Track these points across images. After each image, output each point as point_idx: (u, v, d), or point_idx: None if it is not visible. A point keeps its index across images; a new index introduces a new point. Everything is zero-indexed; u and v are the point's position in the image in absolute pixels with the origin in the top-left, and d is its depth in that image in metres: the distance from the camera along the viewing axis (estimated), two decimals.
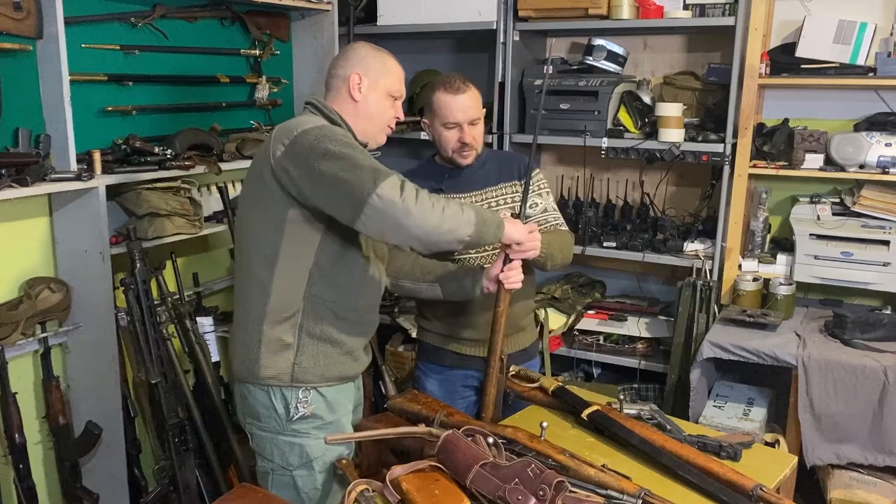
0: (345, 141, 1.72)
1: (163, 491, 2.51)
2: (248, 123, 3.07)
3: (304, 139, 1.71)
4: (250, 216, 1.84)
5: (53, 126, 2.27)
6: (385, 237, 1.72)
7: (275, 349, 1.81)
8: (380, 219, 1.65)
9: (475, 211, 1.75)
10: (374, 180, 1.63)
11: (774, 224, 3.23)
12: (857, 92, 2.99)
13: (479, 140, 2.23)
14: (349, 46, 1.96)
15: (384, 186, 1.63)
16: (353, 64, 1.87)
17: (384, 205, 1.63)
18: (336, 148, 1.68)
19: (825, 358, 2.59)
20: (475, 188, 2.25)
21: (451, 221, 1.69)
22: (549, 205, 2.29)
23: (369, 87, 1.87)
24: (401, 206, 1.63)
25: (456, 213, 1.70)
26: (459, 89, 2.16)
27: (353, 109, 1.87)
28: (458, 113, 2.14)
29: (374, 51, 1.92)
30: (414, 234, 1.67)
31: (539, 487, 1.42)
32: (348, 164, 1.66)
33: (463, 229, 1.71)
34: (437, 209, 1.67)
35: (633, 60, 3.36)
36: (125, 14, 2.60)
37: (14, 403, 2.26)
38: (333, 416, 1.87)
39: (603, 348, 3.26)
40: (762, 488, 1.55)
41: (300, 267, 1.79)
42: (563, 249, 2.20)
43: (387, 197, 1.62)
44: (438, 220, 1.67)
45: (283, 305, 1.80)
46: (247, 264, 1.85)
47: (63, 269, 2.45)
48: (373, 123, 1.90)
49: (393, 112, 1.92)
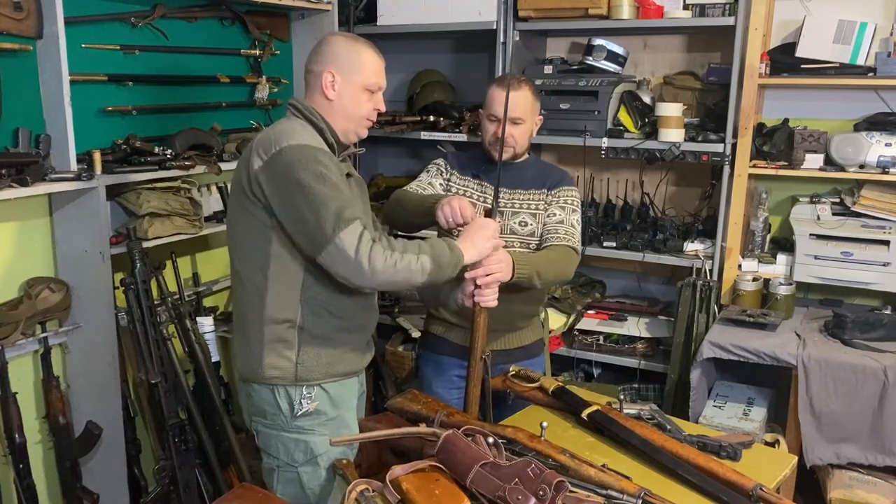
0: (318, 172, 1.70)
1: (163, 491, 2.52)
2: (248, 123, 3.07)
3: (280, 161, 1.71)
4: (238, 224, 1.84)
5: (53, 126, 2.27)
6: (343, 280, 1.74)
7: (276, 350, 1.82)
8: (335, 264, 1.70)
9: (431, 257, 1.74)
10: (334, 228, 1.66)
11: (774, 224, 3.23)
12: (857, 92, 2.99)
13: (518, 140, 2.25)
14: (323, 40, 1.90)
15: (342, 237, 1.66)
16: (327, 61, 1.84)
17: (340, 255, 1.67)
18: (307, 181, 1.68)
19: (825, 358, 2.59)
20: (507, 186, 2.28)
21: (403, 274, 1.71)
22: (566, 219, 2.27)
23: (343, 84, 1.84)
24: (353, 261, 1.66)
25: (408, 266, 1.71)
26: (510, 85, 2.18)
27: (328, 107, 1.86)
28: (500, 107, 2.14)
29: (348, 43, 1.87)
30: (367, 284, 1.72)
31: (539, 487, 1.42)
32: (315, 202, 1.67)
33: (416, 278, 1.74)
34: (390, 264, 1.68)
35: (633, 60, 3.36)
36: (125, 14, 2.60)
37: (14, 403, 2.26)
38: (337, 411, 1.88)
39: (603, 348, 3.26)
40: (762, 488, 1.55)
41: (293, 271, 1.79)
42: (556, 266, 2.18)
43: (342, 248, 1.66)
44: (390, 275, 1.69)
45: (281, 308, 1.80)
46: (241, 270, 1.85)
47: (63, 269, 2.45)
48: (349, 120, 1.88)
49: (371, 105, 1.89)
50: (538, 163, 2.46)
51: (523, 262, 2.04)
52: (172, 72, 2.81)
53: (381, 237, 1.71)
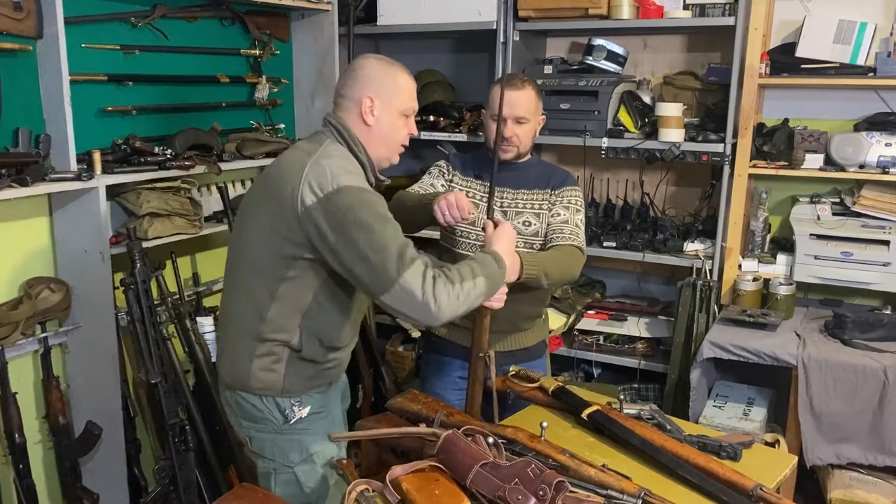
0: (378, 212, 1.67)
1: (163, 491, 2.51)
2: (248, 123, 3.07)
3: (341, 200, 1.66)
4: (258, 241, 1.78)
5: (53, 126, 2.27)
6: (408, 320, 1.74)
7: (265, 365, 1.80)
8: (399, 304, 1.65)
9: (485, 277, 1.73)
10: (398, 268, 1.62)
11: (774, 224, 3.23)
12: (857, 92, 2.99)
13: (522, 140, 2.26)
14: (358, 64, 1.85)
15: (407, 276, 1.62)
16: (364, 86, 1.80)
17: (405, 295, 1.63)
18: (370, 221, 1.64)
19: (825, 358, 2.59)
20: (510, 186, 2.29)
21: (467, 303, 1.69)
22: (571, 218, 2.28)
23: (382, 109, 1.80)
24: (420, 300, 1.62)
25: (468, 294, 1.69)
26: (514, 85, 2.19)
27: (366, 133, 1.81)
28: (505, 106, 2.14)
29: (384, 67, 1.84)
30: (434, 322, 1.69)
31: (539, 487, 1.42)
32: (378, 242, 1.63)
33: (476, 303, 1.74)
34: (454, 297, 1.66)
35: (633, 60, 3.36)
36: (125, 14, 2.60)
37: (14, 403, 2.26)
38: (326, 408, 1.90)
39: (603, 348, 3.26)
40: (762, 488, 1.55)
41: (299, 301, 1.77)
42: (562, 266, 2.18)
43: (408, 288, 1.62)
44: (455, 308, 1.67)
45: (276, 329, 1.78)
46: (245, 282, 1.81)
47: (63, 269, 2.45)
48: (386, 146, 1.85)
49: (406, 131, 1.87)
50: (540, 163, 2.46)
51: (531, 261, 2.04)
52: (172, 72, 2.81)
53: (440, 273, 1.67)
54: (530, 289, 2.16)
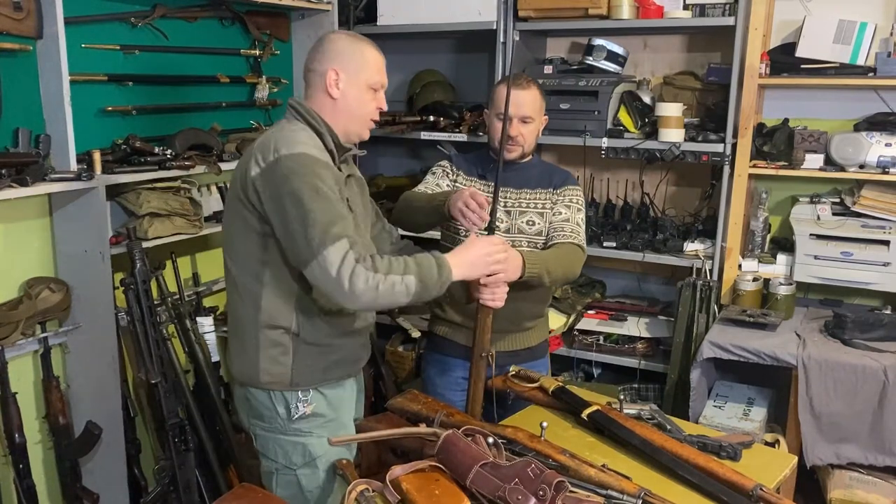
0: (314, 184, 1.66)
1: (163, 491, 2.51)
2: (248, 123, 3.07)
3: (278, 169, 1.68)
4: (233, 229, 1.81)
5: (53, 126, 2.27)
6: (326, 298, 1.72)
7: (272, 356, 1.81)
8: (317, 281, 1.67)
9: (416, 277, 1.69)
10: (320, 244, 1.62)
11: (774, 224, 3.23)
12: (857, 92, 2.99)
13: (526, 139, 2.26)
14: (324, 38, 1.86)
15: (326, 253, 1.62)
16: (330, 59, 1.80)
17: (321, 273, 1.64)
18: (301, 192, 1.65)
19: (825, 358, 2.59)
20: (513, 185, 2.29)
21: (386, 297, 1.67)
22: (572, 217, 2.28)
23: (347, 83, 1.80)
24: (333, 280, 1.62)
25: (391, 288, 1.66)
26: (520, 85, 2.18)
27: (331, 107, 1.82)
28: (511, 105, 2.13)
29: (351, 41, 1.83)
30: (348, 304, 1.69)
31: (539, 487, 1.42)
32: (305, 215, 1.64)
33: (400, 299, 1.70)
34: (371, 286, 1.63)
35: (633, 60, 3.36)
36: (125, 14, 2.60)
37: (14, 403, 2.26)
38: (335, 413, 1.88)
39: (603, 348, 3.25)
40: (762, 488, 1.55)
41: (287, 279, 1.78)
42: (564, 264, 2.18)
43: (325, 266, 1.62)
44: (372, 297, 1.65)
45: (276, 316, 1.79)
46: (236, 276, 1.83)
47: (63, 269, 2.45)
48: (353, 120, 1.85)
49: (374, 104, 1.86)
50: (542, 163, 2.47)
51: (533, 259, 2.04)
52: (172, 72, 2.81)
53: (366, 257, 1.66)
54: (532, 288, 2.16)
